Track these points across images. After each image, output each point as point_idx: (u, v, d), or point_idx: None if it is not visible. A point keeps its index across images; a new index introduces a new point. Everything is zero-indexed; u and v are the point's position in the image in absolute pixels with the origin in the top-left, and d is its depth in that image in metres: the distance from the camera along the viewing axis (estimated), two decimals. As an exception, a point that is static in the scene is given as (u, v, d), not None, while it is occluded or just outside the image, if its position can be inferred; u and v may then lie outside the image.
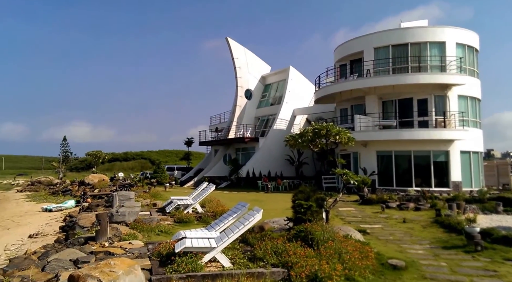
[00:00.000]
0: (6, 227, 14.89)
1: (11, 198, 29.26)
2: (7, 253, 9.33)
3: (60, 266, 6.33)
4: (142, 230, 9.58)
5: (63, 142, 62.88)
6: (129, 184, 25.88)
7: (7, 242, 11.20)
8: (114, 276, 4.48)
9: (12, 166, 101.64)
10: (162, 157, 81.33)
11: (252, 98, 34.92)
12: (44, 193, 31.36)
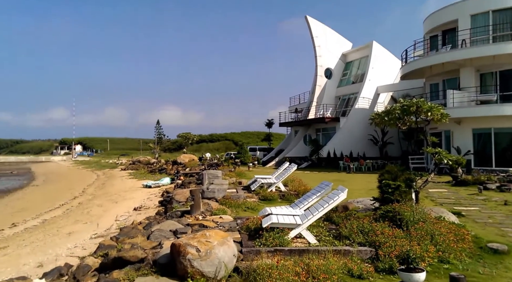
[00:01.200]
0: (114, 201, 16.90)
1: (117, 176, 33.03)
2: (117, 223, 10.63)
3: (162, 236, 7.03)
4: (230, 206, 10.12)
5: (157, 125, 68.50)
6: (216, 163, 27.36)
7: (116, 214, 12.75)
8: (210, 246, 4.84)
9: (115, 147, 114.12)
10: (244, 139, 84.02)
11: (332, 77, 33.93)
12: (143, 171, 34.71)
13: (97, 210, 14.28)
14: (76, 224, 11.44)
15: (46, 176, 41.67)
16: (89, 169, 47.64)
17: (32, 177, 42.62)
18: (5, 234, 11.47)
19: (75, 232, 10.08)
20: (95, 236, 9.09)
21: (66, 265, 6.04)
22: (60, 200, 19.62)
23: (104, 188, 23.93)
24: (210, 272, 4.63)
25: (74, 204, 17.29)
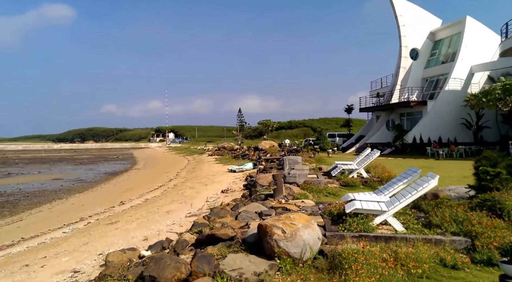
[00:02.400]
0: (204, 183, 18.02)
1: (205, 161, 35.08)
2: (208, 204, 11.34)
3: (248, 217, 7.34)
4: (312, 191, 10.11)
5: (239, 113, 70.66)
6: (295, 149, 27.43)
7: (206, 195, 13.60)
8: (295, 228, 4.92)
9: (202, 134, 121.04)
10: (323, 125, 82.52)
11: (418, 58, 31.33)
12: (227, 157, 36.32)
13: (189, 191, 15.38)
14: (173, 204, 12.49)
15: (146, 161, 46.01)
16: (180, 155, 51.36)
17: (134, 162, 47.44)
18: (115, 211, 13.04)
19: (172, 211, 11.02)
20: (189, 215, 9.83)
21: (167, 239, 6.67)
22: (158, 182, 21.57)
23: (195, 172, 25.63)
24: (296, 253, 4.72)
25: (170, 186, 18.87)
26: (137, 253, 5.97)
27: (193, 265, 4.61)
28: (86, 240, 8.44)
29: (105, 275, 4.86)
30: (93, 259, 6.55)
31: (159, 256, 4.79)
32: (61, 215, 13.64)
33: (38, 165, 44.17)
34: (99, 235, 8.79)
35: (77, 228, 10.41)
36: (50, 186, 24.07)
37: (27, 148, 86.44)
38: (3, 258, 8.06)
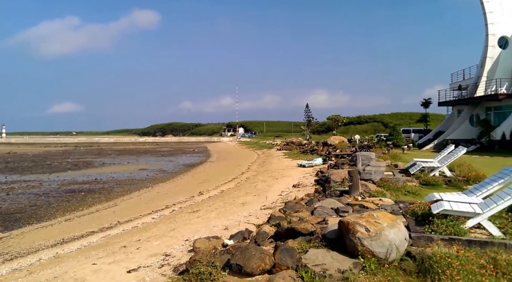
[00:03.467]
0: (275, 177, 18.17)
1: (274, 155, 35.37)
2: (281, 197, 11.40)
3: (324, 212, 7.21)
4: (389, 189, 9.60)
5: (306, 108, 69.68)
6: (367, 145, 26.32)
7: (278, 189, 13.70)
8: (380, 227, 4.70)
9: (270, 129, 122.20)
10: (395, 120, 77.98)
11: (508, 47, 27.90)
12: (296, 152, 36.16)
13: (261, 185, 15.63)
14: (247, 196, 12.80)
15: (218, 154, 47.87)
16: (250, 149, 52.50)
17: (208, 155, 49.64)
18: (195, 200, 13.76)
19: (247, 203, 11.29)
20: (264, 208, 9.98)
21: (246, 230, 6.84)
22: (231, 174, 22.30)
23: (265, 166, 25.99)
24: (381, 253, 4.50)
25: (243, 179, 19.38)
26: (220, 242, 6.22)
27: (276, 257, 4.66)
28: (172, 226, 9.03)
29: (194, 260, 5.13)
30: (181, 244, 6.98)
31: (245, 246, 4.93)
32: (148, 202, 14.80)
33: (127, 156, 48.47)
34: (183, 222, 9.34)
35: (164, 215, 11.20)
36: (138, 176, 26.24)
37: (117, 140, 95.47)
38: (104, 239, 8.99)
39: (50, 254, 7.96)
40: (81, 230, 10.51)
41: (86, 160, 41.24)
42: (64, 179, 24.01)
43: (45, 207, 14.98)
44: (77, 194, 18.09)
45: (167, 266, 5.79)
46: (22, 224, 12.36)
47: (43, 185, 21.14)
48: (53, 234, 10.43)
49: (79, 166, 33.77)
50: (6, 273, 6.82)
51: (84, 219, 12.56)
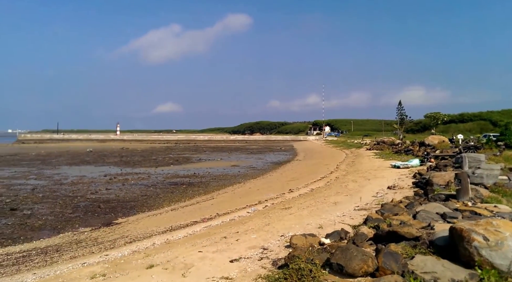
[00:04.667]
0: (366, 178, 17.39)
1: (363, 155, 33.88)
2: (376, 199, 10.89)
3: (429, 217, 6.66)
4: (505, 195, 8.46)
5: (398, 105, 65.11)
6: (474, 146, 23.51)
7: (371, 190, 13.10)
8: (501, 236, 4.17)
9: (358, 128, 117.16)
10: (506, 118, 67.96)
11: None
12: (388, 152, 34.06)
13: (352, 185, 15.12)
14: (338, 196, 12.52)
15: (305, 153, 47.72)
16: (337, 148, 51.13)
17: (295, 153, 49.83)
18: (286, 197, 13.96)
19: (339, 203, 11.04)
20: (358, 208, 9.65)
21: (342, 230, 6.70)
22: (319, 173, 22.04)
23: (354, 165, 25.06)
24: (503, 266, 4.00)
25: (332, 178, 19.01)
26: (317, 240, 6.21)
27: (380, 260, 4.47)
28: (267, 221, 9.31)
29: (293, 256, 5.22)
30: (277, 239, 7.15)
31: (345, 246, 4.84)
32: (242, 197, 15.50)
33: (219, 153, 51.43)
34: (277, 218, 9.55)
35: (258, 210, 11.62)
36: (230, 172, 27.65)
37: (211, 138, 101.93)
38: (206, 229, 9.69)
39: (162, 239, 8.89)
40: (185, 219, 11.52)
41: (185, 156, 44.95)
42: (168, 173, 26.54)
43: (154, 197, 16.77)
44: (179, 187, 19.84)
45: (266, 259, 5.99)
46: (136, 211, 14.05)
47: (151, 178, 23.69)
48: (162, 221, 11.63)
49: (180, 161, 36.96)
50: (127, 254, 7.83)
51: (187, 209, 13.73)
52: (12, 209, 13.96)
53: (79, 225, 11.86)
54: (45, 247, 9.44)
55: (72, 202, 15.44)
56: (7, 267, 7.88)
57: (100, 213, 13.67)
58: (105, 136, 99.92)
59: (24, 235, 10.75)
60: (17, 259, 8.43)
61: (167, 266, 6.15)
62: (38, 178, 23.52)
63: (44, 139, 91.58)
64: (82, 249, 8.86)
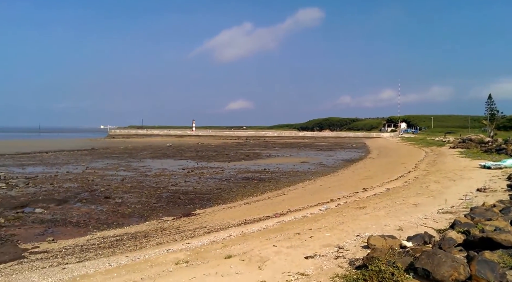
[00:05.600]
0: (451, 178, 15.97)
1: (446, 154, 31.12)
2: (465, 202, 9.96)
3: (531, 225, 5.90)
4: None
5: (488, 100, 58.63)
6: None
7: (456, 192, 12.00)
8: None
9: (439, 125, 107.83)
10: None
11: None
12: (475, 151, 30.81)
13: (435, 186, 14.02)
14: (419, 197, 11.71)
15: (379, 150, 45.45)
16: (415, 146, 47.72)
17: (367, 150, 47.76)
18: (360, 196, 13.47)
19: (420, 204, 10.32)
20: (442, 211, 8.94)
21: (426, 233, 6.26)
22: (395, 172, 20.82)
23: (436, 165, 23.17)
24: None
25: (410, 178, 17.83)
26: (397, 242, 5.89)
27: (473, 268, 4.09)
28: (340, 219, 9.10)
29: (372, 257, 5.03)
30: (353, 239, 6.95)
31: (432, 250, 4.52)
32: (313, 194, 15.35)
33: (288, 149, 51.53)
34: (351, 217, 9.28)
35: (330, 208, 11.41)
36: (300, 168, 27.55)
37: (280, 135, 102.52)
38: (279, 224, 9.80)
39: (237, 231, 9.23)
40: (258, 214, 11.78)
41: (255, 152, 45.92)
42: (240, 168, 27.39)
43: (228, 191, 17.45)
44: (251, 182, 20.35)
45: (342, 258, 5.87)
46: (212, 203, 14.77)
47: (224, 172, 24.68)
48: (236, 214, 12.06)
49: (250, 157, 37.87)
50: (206, 243, 8.27)
51: (259, 204, 14.04)
52: (106, 197, 15.66)
53: (162, 214, 12.87)
54: (135, 232, 10.43)
55: (155, 193, 16.79)
56: (104, 249, 8.87)
57: (180, 203, 14.66)
58: (182, 132, 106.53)
59: (117, 221, 11.99)
60: (111, 242, 9.44)
61: (244, 257, 6.37)
62: (126, 169, 26.02)
63: (130, 134, 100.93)
64: (167, 237, 9.60)
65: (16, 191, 16.62)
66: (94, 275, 6.52)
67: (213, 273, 5.62)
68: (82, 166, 27.88)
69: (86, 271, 6.87)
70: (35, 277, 6.86)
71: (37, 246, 9.26)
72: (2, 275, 7.25)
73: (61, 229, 10.92)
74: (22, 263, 8.01)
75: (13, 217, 12.01)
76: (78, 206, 13.97)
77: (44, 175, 22.33)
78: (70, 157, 36.43)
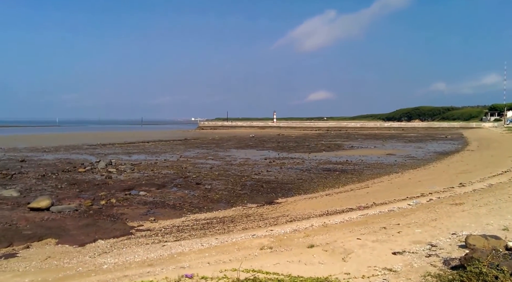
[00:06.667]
0: None
1: None
2: None
3: None
4: None
5: None
6: None
7: None
8: None
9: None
10: None
11: None
12: None
13: (552, 183, 12.01)
14: (530, 195, 10.16)
15: (479, 142, 40.45)
16: (526, 137, 41.27)
17: (465, 142, 42.86)
18: (456, 192, 12.21)
19: (532, 203, 8.95)
20: (562, 213, 7.62)
21: (540, 236, 5.42)
22: (500, 167, 18.33)
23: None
24: None
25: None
26: (502, 243, 5.22)
27: None
28: (433, 216, 8.39)
29: (471, 258, 4.55)
30: (447, 237, 6.37)
31: (548, 257, 3.90)
32: (400, 188, 14.40)
33: (372, 141, 49.02)
34: (446, 214, 8.48)
35: (420, 203, 10.58)
36: (386, 160, 26.04)
37: (363, 125, 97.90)
38: (363, 217, 9.45)
39: (319, 222, 9.15)
40: (341, 205, 11.51)
41: (336, 143, 44.71)
42: (320, 159, 26.99)
43: (309, 181, 17.37)
44: (332, 173, 19.92)
45: (435, 256, 5.42)
46: (293, 193, 14.88)
47: (305, 163, 24.59)
48: (318, 205, 11.96)
49: (331, 148, 37.02)
50: (289, 232, 8.39)
51: (341, 196, 13.70)
52: (197, 183, 16.89)
53: (247, 201, 13.40)
54: (222, 217, 11.07)
55: (240, 181, 17.54)
56: (197, 230, 9.61)
57: (263, 192, 15.08)
58: (264, 123, 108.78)
59: (207, 205, 12.86)
60: (203, 225, 10.18)
61: (327, 248, 6.30)
62: (214, 158, 27.64)
63: (217, 126, 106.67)
64: (251, 223, 9.99)
65: (124, 176, 18.93)
66: (189, 253, 7.13)
67: (296, 261, 5.69)
68: (177, 154, 30.44)
69: (182, 250, 7.54)
70: (141, 251, 7.77)
71: (141, 224, 10.45)
72: (115, 248, 8.37)
73: (161, 211, 12.13)
74: (130, 238, 9.13)
75: (122, 198, 13.72)
76: (174, 191, 15.34)
77: (146, 162, 24.97)
78: (167, 146, 40.04)
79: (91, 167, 21.46)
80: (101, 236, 9.25)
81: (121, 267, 6.65)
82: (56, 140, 49.26)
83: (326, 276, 4.84)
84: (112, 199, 13.37)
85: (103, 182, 17.03)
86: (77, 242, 8.81)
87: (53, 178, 18.02)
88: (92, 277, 6.08)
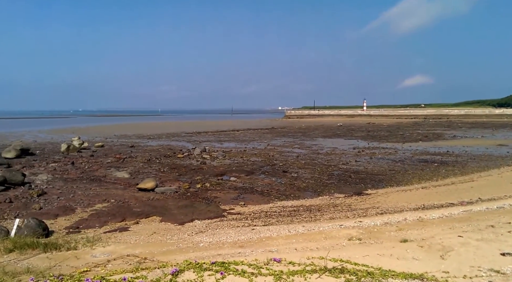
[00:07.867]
0: None
1: None
2: None
3: None
4: None
5: None
6: None
7: None
8: None
9: None
10: None
11: None
12: None
13: None
14: None
15: None
16: None
17: None
18: None
19: None
20: None
21: None
22: None
23: None
24: None
25: None
26: None
27: None
28: (556, 217, 7.15)
29: None
30: None
31: None
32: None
33: (480, 130, 43.39)
34: None
35: (541, 201, 9.09)
36: (496, 152, 22.91)
37: (468, 113, 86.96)
38: (465, 213, 8.52)
39: (414, 216, 8.54)
40: (439, 200, 10.54)
41: (436, 132, 40.70)
42: (416, 149, 24.94)
43: (402, 173, 16.26)
44: (430, 165, 18.28)
45: (558, 264, 4.65)
46: (384, 185, 14.11)
47: (398, 153, 23.02)
48: (412, 198, 11.16)
49: (429, 138, 33.86)
50: (379, 224, 8.02)
51: (440, 189, 12.53)
52: (284, 171, 17.19)
53: (334, 191, 13.19)
54: (309, 205, 11.11)
55: (327, 170, 17.29)
56: (284, 217, 9.84)
57: (351, 182, 14.63)
58: (353, 112, 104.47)
59: (293, 193, 13.03)
60: (290, 212, 10.37)
61: (422, 244, 5.89)
62: (300, 147, 27.69)
63: (304, 115, 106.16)
64: (339, 213, 9.83)
65: (217, 162, 20.25)
66: (276, 238, 7.37)
67: (388, 254, 5.45)
68: (264, 143, 31.32)
69: (270, 234, 7.83)
70: (232, 233, 8.30)
71: (232, 208, 11.12)
72: (209, 228, 9.09)
73: (250, 196, 12.71)
74: (222, 220, 9.82)
75: (215, 183, 14.74)
76: (262, 178, 15.89)
77: (236, 149, 26.27)
78: (255, 135, 41.44)
79: (188, 153, 23.46)
80: (197, 216, 10.14)
81: (215, 246, 7.22)
82: (158, 128, 55.01)
83: (421, 273, 4.54)
84: (206, 183, 14.47)
85: (198, 167, 18.50)
86: (177, 220, 9.81)
87: (157, 162, 20.22)
88: (190, 253, 6.74)
